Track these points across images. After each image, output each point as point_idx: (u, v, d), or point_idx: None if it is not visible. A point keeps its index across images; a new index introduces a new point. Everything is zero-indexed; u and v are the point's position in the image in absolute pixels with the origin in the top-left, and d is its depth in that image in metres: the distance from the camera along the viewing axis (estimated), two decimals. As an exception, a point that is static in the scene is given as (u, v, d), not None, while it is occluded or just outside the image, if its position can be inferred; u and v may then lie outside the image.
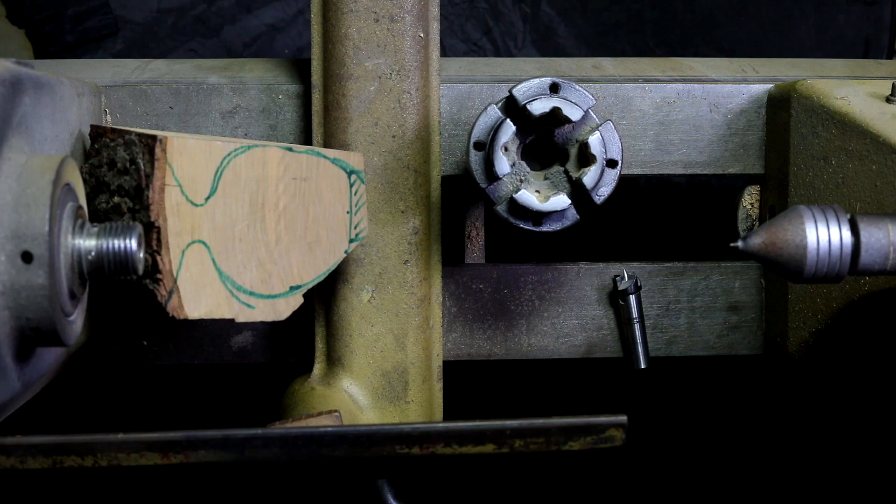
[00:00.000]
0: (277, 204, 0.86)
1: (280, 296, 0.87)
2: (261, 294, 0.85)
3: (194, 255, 0.80)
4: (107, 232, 0.73)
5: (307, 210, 0.89)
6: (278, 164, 0.86)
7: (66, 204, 0.72)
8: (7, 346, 0.68)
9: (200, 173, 0.80)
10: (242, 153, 0.83)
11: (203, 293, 0.80)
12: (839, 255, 0.80)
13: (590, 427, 0.79)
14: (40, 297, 0.67)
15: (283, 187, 0.87)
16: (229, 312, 0.82)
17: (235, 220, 0.83)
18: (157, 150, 0.77)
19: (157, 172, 0.77)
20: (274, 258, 0.86)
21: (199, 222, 0.80)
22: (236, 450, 0.77)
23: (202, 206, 0.80)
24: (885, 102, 0.97)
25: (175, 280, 0.78)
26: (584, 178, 0.95)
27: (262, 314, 0.86)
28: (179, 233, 0.78)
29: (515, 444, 0.78)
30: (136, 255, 0.72)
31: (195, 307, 0.79)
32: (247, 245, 0.84)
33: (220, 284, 0.82)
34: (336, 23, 0.98)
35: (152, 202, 0.77)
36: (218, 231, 0.82)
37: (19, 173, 0.69)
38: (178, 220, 0.78)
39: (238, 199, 0.83)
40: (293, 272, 0.88)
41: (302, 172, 0.88)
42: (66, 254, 0.71)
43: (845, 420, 1.26)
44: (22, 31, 1.70)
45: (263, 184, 0.85)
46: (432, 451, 0.78)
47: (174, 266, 0.78)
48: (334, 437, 0.77)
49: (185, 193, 0.79)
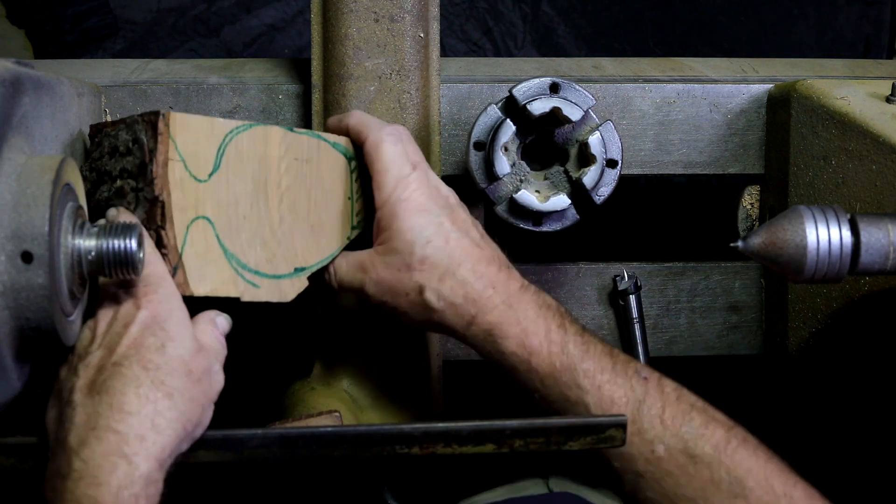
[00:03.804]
0: (280, 183, 0.85)
1: (285, 276, 0.86)
2: (266, 273, 0.84)
3: (199, 231, 0.79)
4: (107, 232, 0.73)
5: (309, 192, 0.88)
6: (280, 144, 0.85)
7: (66, 204, 0.72)
8: (7, 346, 0.68)
9: (203, 149, 0.80)
10: (245, 130, 0.83)
11: (208, 270, 0.79)
12: (839, 255, 0.80)
13: (590, 427, 0.79)
14: (40, 297, 0.67)
15: (286, 167, 0.86)
16: (235, 291, 0.81)
17: (239, 198, 0.82)
18: (160, 125, 0.77)
19: (161, 147, 0.76)
20: (278, 238, 0.85)
21: (203, 198, 0.79)
22: (236, 450, 0.77)
23: (206, 181, 0.79)
24: (885, 102, 0.97)
25: (180, 256, 0.77)
26: (584, 178, 0.95)
27: (268, 294, 0.84)
28: (184, 208, 0.78)
29: (515, 444, 0.79)
30: (136, 255, 0.72)
31: (200, 284, 0.78)
32: (251, 223, 0.83)
33: (225, 262, 0.81)
34: (336, 23, 0.98)
35: (156, 176, 0.76)
36: (222, 208, 0.81)
37: (19, 173, 0.69)
38: (183, 195, 0.78)
39: (241, 177, 0.82)
40: (297, 254, 0.87)
41: (303, 154, 0.87)
42: (66, 254, 0.71)
43: (845, 420, 1.26)
44: (22, 31, 1.70)
45: (265, 162, 0.84)
46: (432, 451, 0.78)
47: (179, 241, 0.77)
48: (334, 437, 0.78)
49: (188, 168, 0.78)
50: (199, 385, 0.73)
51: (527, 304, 0.84)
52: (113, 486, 0.66)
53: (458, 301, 0.84)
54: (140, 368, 0.70)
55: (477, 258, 0.85)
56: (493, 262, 0.86)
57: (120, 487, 0.66)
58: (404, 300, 0.85)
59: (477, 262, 0.85)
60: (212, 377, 0.75)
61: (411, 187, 0.85)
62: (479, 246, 0.86)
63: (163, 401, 0.70)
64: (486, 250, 0.86)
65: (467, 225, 0.87)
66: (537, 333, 0.83)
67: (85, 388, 0.70)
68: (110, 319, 0.74)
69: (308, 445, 0.77)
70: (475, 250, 0.85)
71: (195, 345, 0.74)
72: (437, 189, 0.87)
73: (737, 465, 0.80)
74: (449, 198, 0.88)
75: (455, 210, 0.87)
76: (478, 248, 0.86)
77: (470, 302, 0.84)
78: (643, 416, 0.81)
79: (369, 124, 0.88)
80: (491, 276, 0.84)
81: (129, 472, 0.67)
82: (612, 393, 0.82)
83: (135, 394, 0.69)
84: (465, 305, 0.84)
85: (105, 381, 0.70)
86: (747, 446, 0.81)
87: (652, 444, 0.81)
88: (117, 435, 0.67)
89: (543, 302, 0.86)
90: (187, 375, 0.72)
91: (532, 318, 0.84)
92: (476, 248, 0.85)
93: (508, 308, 0.84)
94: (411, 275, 0.84)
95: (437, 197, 0.86)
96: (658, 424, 0.81)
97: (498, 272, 0.85)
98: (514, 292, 0.85)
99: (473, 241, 0.86)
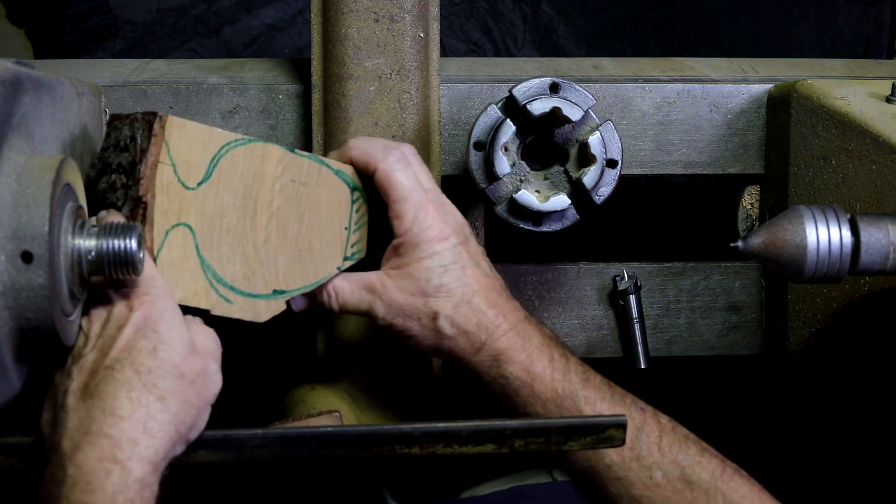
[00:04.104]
0: (271, 203, 0.85)
1: (261, 297, 0.85)
2: (241, 291, 0.84)
3: (178, 237, 0.79)
4: (107, 232, 0.73)
5: (302, 216, 0.87)
6: (277, 163, 0.85)
7: (66, 204, 0.72)
8: (7, 346, 0.68)
9: (196, 157, 0.80)
10: (243, 145, 0.83)
11: (181, 277, 0.79)
12: (839, 255, 0.80)
13: (590, 427, 0.79)
14: (40, 297, 0.67)
15: (280, 187, 0.85)
16: (206, 303, 0.81)
17: (225, 211, 0.82)
18: (156, 126, 0.77)
19: (153, 148, 0.77)
20: (260, 257, 0.85)
21: (187, 206, 0.79)
22: (236, 450, 0.77)
23: (193, 189, 0.80)
24: (885, 102, 0.97)
25: (155, 259, 0.77)
26: (584, 178, 0.95)
27: (240, 312, 0.84)
28: (166, 212, 0.78)
29: (515, 444, 0.79)
30: (136, 255, 0.72)
31: (171, 291, 0.78)
32: (234, 237, 0.83)
33: (201, 272, 0.81)
34: (336, 23, 0.98)
35: (143, 176, 0.77)
36: (206, 218, 0.81)
37: (19, 173, 0.69)
38: (167, 199, 0.78)
39: (231, 191, 0.82)
40: (279, 276, 0.86)
41: (301, 177, 0.87)
42: (66, 254, 0.71)
43: (845, 420, 1.26)
44: (22, 31, 1.70)
45: (259, 180, 0.84)
46: (432, 451, 0.78)
47: (156, 245, 0.77)
48: (334, 437, 0.78)
49: (177, 174, 0.78)
50: (192, 387, 0.73)
51: (532, 333, 0.87)
52: (108, 492, 0.66)
53: (470, 328, 0.86)
54: (132, 372, 0.70)
55: (489, 287, 0.88)
56: (502, 292, 0.89)
57: (115, 493, 0.66)
58: (415, 324, 0.87)
59: (490, 292, 0.87)
60: (207, 378, 0.75)
61: (430, 214, 0.87)
62: (489, 276, 0.89)
63: (155, 404, 0.70)
64: (495, 281, 0.89)
65: (479, 255, 0.89)
66: (541, 360, 0.86)
67: (78, 392, 0.71)
68: (104, 321, 0.74)
69: (308, 445, 0.77)
70: (486, 280, 0.88)
71: (188, 346, 0.74)
72: (454, 216, 0.89)
73: (733, 491, 0.82)
74: (464, 227, 0.90)
75: (469, 239, 0.89)
76: (488, 278, 0.89)
77: (482, 329, 0.86)
78: (641, 442, 0.84)
79: (374, 153, 0.88)
80: (501, 305, 0.87)
81: (123, 477, 0.67)
82: None
83: (127, 398, 0.69)
84: (476, 333, 0.86)
85: (98, 384, 0.70)
86: (741, 475, 0.84)
87: (650, 470, 0.83)
88: (110, 440, 0.68)
89: (546, 332, 0.89)
90: (180, 378, 0.72)
91: (537, 345, 0.87)
92: (487, 279, 0.88)
93: (516, 335, 0.87)
94: (427, 300, 0.86)
95: (454, 225, 0.88)
96: (656, 451, 0.83)
97: (507, 302, 0.88)
98: (520, 321, 0.88)
99: (484, 272, 0.89)
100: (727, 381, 1.38)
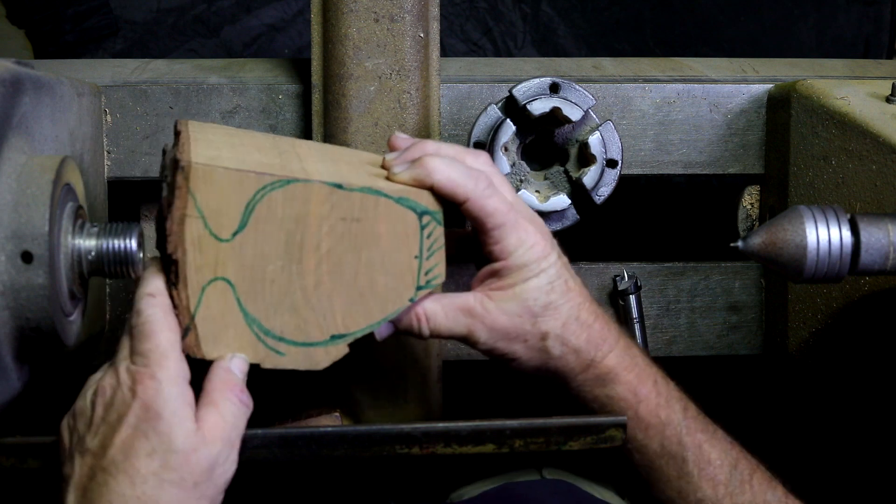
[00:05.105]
0: (319, 246, 0.76)
1: (318, 344, 0.79)
2: (293, 341, 0.77)
3: (217, 293, 0.73)
4: (107, 232, 0.73)
5: (359, 254, 0.78)
6: (323, 203, 0.76)
7: (66, 204, 0.72)
8: (7, 346, 0.68)
9: (228, 206, 0.73)
10: (280, 188, 0.75)
11: (224, 334, 0.74)
12: (839, 255, 0.80)
13: (590, 427, 0.79)
14: (40, 297, 0.67)
15: (329, 228, 0.76)
16: (255, 357, 0.76)
17: (267, 260, 0.75)
18: (179, 178, 0.70)
19: (178, 202, 0.71)
20: (312, 304, 0.77)
21: (223, 259, 0.73)
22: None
23: (228, 241, 0.73)
24: (885, 102, 0.97)
25: (192, 317, 0.72)
26: (584, 178, 0.95)
27: (293, 362, 0.78)
28: (200, 268, 0.72)
29: (515, 444, 0.79)
30: (135, 255, 0.72)
31: (214, 348, 0.74)
32: (279, 287, 0.76)
33: (245, 326, 0.75)
34: (336, 23, 0.99)
35: (170, 233, 0.71)
36: (246, 270, 0.74)
37: (19, 173, 0.69)
38: (200, 255, 0.72)
39: (272, 238, 0.75)
40: (336, 320, 0.79)
41: (354, 213, 0.77)
42: (66, 254, 0.71)
43: (845, 420, 1.26)
44: (22, 31, 1.70)
45: (303, 223, 0.75)
46: (432, 451, 0.78)
47: (192, 303, 0.72)
48: (334, 437, 0.78)
49: (208, 226, 0.72)
50: (195, 489, 0.69)
51: (635, 350, 0.84)
52: None
53: (581, 345, 0.81)
54: (128, 484, 0.67)
55: (588, 297, 0.83)
56: (594, 300, 0.84)
57: None
58: (521, 346, 0.82)
59: (590, 302, 0.83)
60: (214, 471, 0.70)
61: (531, 232, 0.80)
62: (582, 285, 0.84)
63: None
64: (585, 288, 0.84)
65: (568, 263, 0.84)
66: (647, 381, 0.83)
67: (78, 491, 0.69)
68: (109, 397, 0.70)
69: (308, 445, 0.77)
70: (584, 290, 0.83)
71: (192, 443, 0.69)
72: (543, 226, 0.83)
73: None
74: (555, 239, 0.84)
75: (557, 247, 0.83)
76: (583, 287, 0.83)
77: (592, 345, 0.82)
78: (734, 479, 0.83)
79: (461, 182, 0.79)
80: (601, 315, 0.83)
81: None
82: (710, 453, 0.83)
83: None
84: (587, 349, 0.82)
85: (95, 489, 0.68)
86: None
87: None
88: None
89: (641, 348, 0.85)
90: (179, 484, 0.68)
91: (643, 365, 0.83)
92: (583, 288, 0.83)
93: (624, 352, 0.83)
94: (535, 321, 0.81)
95: (548, 236, 0.82)
96: (748, 489, 0.83)
97: (603, 311, 0.84)
98: (621, 334, 0.83)
99: (578, 282, 0.83)
100: (727, 381, 1.38)
